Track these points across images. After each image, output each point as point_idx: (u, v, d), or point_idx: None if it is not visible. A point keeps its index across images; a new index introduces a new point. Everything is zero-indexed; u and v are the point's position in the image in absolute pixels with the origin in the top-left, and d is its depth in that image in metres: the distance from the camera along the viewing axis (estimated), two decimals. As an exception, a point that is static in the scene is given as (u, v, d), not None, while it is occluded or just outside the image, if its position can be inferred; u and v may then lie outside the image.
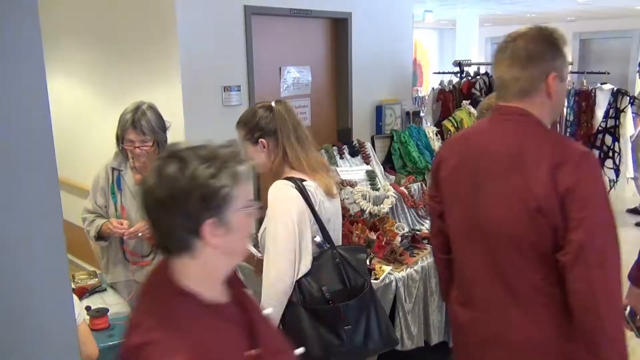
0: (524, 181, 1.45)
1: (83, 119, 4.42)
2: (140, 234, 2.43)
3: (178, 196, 1.02)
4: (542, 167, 1.42)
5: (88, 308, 2.38)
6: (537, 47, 1.48)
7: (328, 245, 1.92)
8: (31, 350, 0.76)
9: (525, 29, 1.52)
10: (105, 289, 2.71)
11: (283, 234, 1.80)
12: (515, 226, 1.47)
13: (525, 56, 1.48)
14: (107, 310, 2.38)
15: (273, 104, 1.98)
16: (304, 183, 1.87)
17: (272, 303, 1.79)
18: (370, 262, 2.80)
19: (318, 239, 1.89)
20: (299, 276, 1.83)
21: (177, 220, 1.04)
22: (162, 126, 2.50)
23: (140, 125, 2.41)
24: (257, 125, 1.94)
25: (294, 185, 1.85)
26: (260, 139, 1.93)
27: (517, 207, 1.46)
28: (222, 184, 1.04)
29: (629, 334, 1.65)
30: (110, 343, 2.24)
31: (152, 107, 2.49)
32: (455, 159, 1.65)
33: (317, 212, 1.88)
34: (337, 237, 2.02)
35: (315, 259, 1.87)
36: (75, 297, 2.05)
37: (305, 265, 1.85)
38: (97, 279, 2.77)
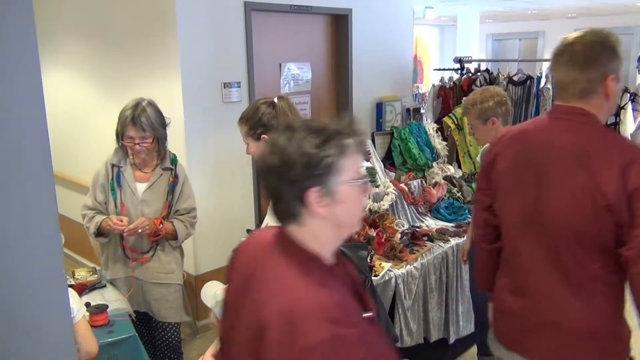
0: (592, 179, 1.51)
1: (82, 114, 4.41)
2: (140, 231, 2.43)
3: (285, 163, 1.09)
4: (612, 166, 1.49)
5: (88, 304, 2.38)
6: (594, 50, 1.57)
7: None
8: (26, 348, 0.75)
9: (582, 33, 1.61)
10: (104, 286, 2.70)
11: None
12: (579, 221, 1.54)
13: (583, 60, 1.57)
14: (107, 306, 2.38)
15: (275, 100, 1.97)
16: None
17: None
18: (370, 259, 2.79)
19: None
20: None
21: (285, 187, 1.10)
22: (162, 122, 2.50)
23: (140, 122, 2.41)
24: (259, 121, 1.93)
25: None
26: (262, 135, 1.92)
27: (583, 203, 1.52)
28: (327, 154, 1.09)
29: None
30: (110, 339, 2.24)
31: (151, 104, 2.49)
32: (513, 154, 1.73)
33: None
34: None
35: None
36: (75, 294, 2.05)
37: None
38: (96, 276, 2.76)
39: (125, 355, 2.29)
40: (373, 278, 2.60)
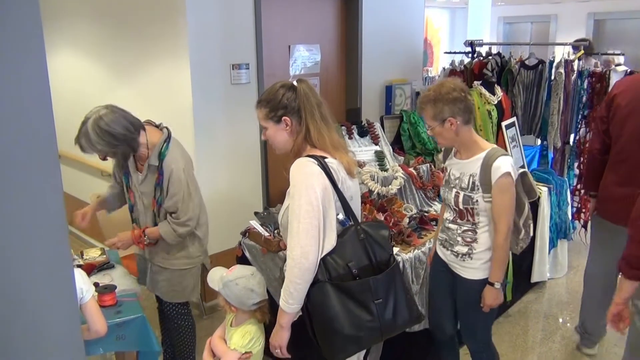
0: None
1: (90, 95, 4.40)
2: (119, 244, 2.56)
3: None
4: None
5: (96, 285, 2.40)
6: None
7: (351, 222, 1.91)
8: (30, 330, 0.75)
9: None
10: (113, 266, 2.72)
11: (307, 211, 1.77)
12: None
13: None
14: (115, 287, 2.39)
15: (295, 82, 1.95)
16: (325, 160, 1.85)
17: (296, 281, 1.78)
18: (391, 239, 2.79)
19: (341, 216, 1.88)
20: (324, 253, 1.82)
21: None
22: (110, 143, 2.30)
23: (80, 145, 2.33)
24: (280, 103, 1.90)
25: (316, 162, 1.83)
26: (283, 117, 1.90)
27: None
28: None
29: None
30: (118, 320, 2.26)
31: (98, 125, 2.28)
32: (629, 93, 2.70)
33: (340, 189, 1.86)
34: (358, 215, 2.01)
35: (339, 236, 1.86)
36: (84, 274, 2.06)
37: (330, 243, 1.83)
38: (105, 256, 2.78)
39: (133, 335, 2.31)
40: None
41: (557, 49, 4.98)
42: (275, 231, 3.00)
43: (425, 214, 3.33)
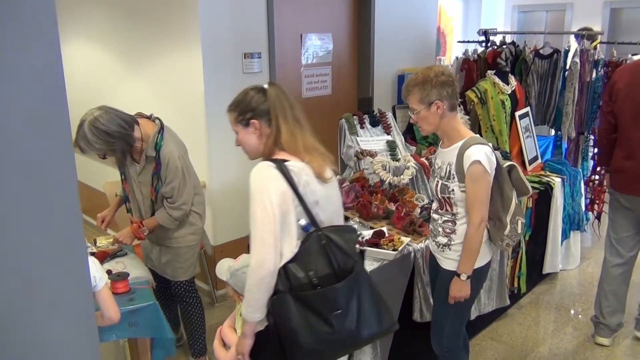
0: None
1: (103, 84, 4.42)
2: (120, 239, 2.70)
3: None
4: None
5: (109, 272, 2.42)
6: None
7: (313, 228, 1.79)
8: (45, 317, 0.76)
9: None
10: (126, 254, 2.75)
11: (262, 217, 1.70)
12: None
13: None
14: (128, 274, 2.41)
15: (265, 85, 1.89)
16: (286, 163, 1.77)
17: (252, 290, 1.73)
18: (388, 233, 2.78)
19: (303, 222, 1.77)
20: (284, 262, 1.73)
21: None
22: (107, 141, 2.41)
23: (79, 146, 2.44)
24: (248, 105, 1.85)
25: (274, 165, 1.75)
26: (251, 120, 1.84)
27: None
28: None
29: None
30: (131, 307, 2.28)
31: (94, 125, 2.38)
32: (628, 77, 3.02)
33: (300, 193, 1.76)
34: (330, 220, 1.88)
35: (302, 243, 1.76)
36: (97, 262, 2.08)
37: (290, 250, 1.74)
38: (117, 244, 2.80)
39: (145, 322, 2.33)
40: (392, 252, 2.59)
41: (572, 38, 4.91)
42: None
43: (437, 204, 3.32)
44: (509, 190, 2.30)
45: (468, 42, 5.19)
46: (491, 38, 4.93)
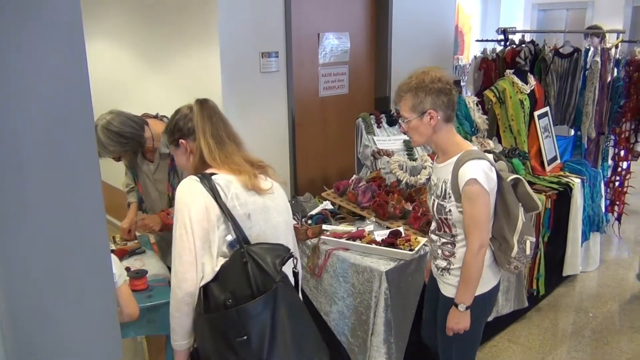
0: None
1: (123, 83, 4.47)
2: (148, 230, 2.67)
3: None
4: None
5: (127, 269, 2.44)
6: None
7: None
8: (69, 312, 0.78)
9: None
10: (144, 251, 2.77)
11: (180, 235, 1.62)
12: None
13: None
14: (146, 272, 2.43)
15: (193, 103, 1.86)
16: (213, 177, 1.69)
17: (174, 314, 1.68)
18: (404, 233, 2.77)
19: (229, 237, 1.66)
20: (206, 281, 1.62)
21: None
22: (120, 142, 2.46)
23: None
24: (175, 126, 1.86)
25: (198, 179, 1.68)
26: (180, 140, 1.84)
27: None
28: None
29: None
30: (149, 304, 2.30)
31: (106, 128, 2.43)
32: None
33: (228, 206, 1.66)
34: (266, 235, 1.76)
35: (227, 260, 1.65)
36: (116, 259, 2.11)
37: (211, 269, 1.63)
38: (136, 241, 2.83)
39: (163, 319, 2.34)
40: (408, 252, 2.58)
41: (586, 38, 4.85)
42: (303, 219, 3.01)
43: (454, 204, 3.30)
44: (514, 206, 2.06)
45: (486, 40, 5.15)
46: (510, 37, 4.89)
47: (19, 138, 0.68)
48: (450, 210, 2.02)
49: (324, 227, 2.89)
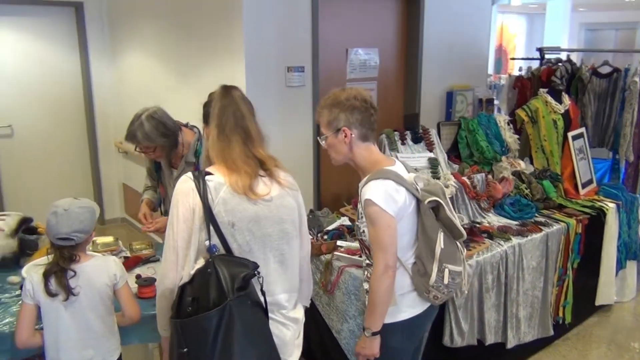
0: None
1: (154, 93, 4.57)
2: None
3: None
4: None
5: (138, 277, 2.46)
6: None
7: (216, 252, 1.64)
8: None
9: None
10: (158, 260, 2.79)
11: (167, 233, 1.64)
12: None
13: None
14: (155, 280, 2.44)
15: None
16: (207, 177, 1.65)
17: (157, 305, 1.71)
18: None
19: (207, 243, 1.63)
20: (183, 281, 1.61)
21: None
22: (163, 132, 2.54)
23: (136, 138, 2.52)
24: (207, 108, 1.84)
25: (193, 177, 1.65)
26: (204, 124, 1.83)
27: None
28: None
29: None
30: (155, 312, 2.30)
31: (152, 117, 2.52)
32: None
33: (213, 212, 1.62)
34: (252, 245, 1.70)
35: (201, 267, 1.61)
36: (118, 260, 2.13)
37: (188, 271, 1.62)
38: (151, 249, 2.85)
39: (169, 328, 2.35)
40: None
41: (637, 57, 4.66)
42: (319, 234, 2.97)
43: (477, 224, 3.19)
44: (431, 231, 1.94)
45: (521, 59, 5.03)
46: (547, 56, 4.75)
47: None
48: (363, 232, 1.96)
49: (339, 243, 2.85)
